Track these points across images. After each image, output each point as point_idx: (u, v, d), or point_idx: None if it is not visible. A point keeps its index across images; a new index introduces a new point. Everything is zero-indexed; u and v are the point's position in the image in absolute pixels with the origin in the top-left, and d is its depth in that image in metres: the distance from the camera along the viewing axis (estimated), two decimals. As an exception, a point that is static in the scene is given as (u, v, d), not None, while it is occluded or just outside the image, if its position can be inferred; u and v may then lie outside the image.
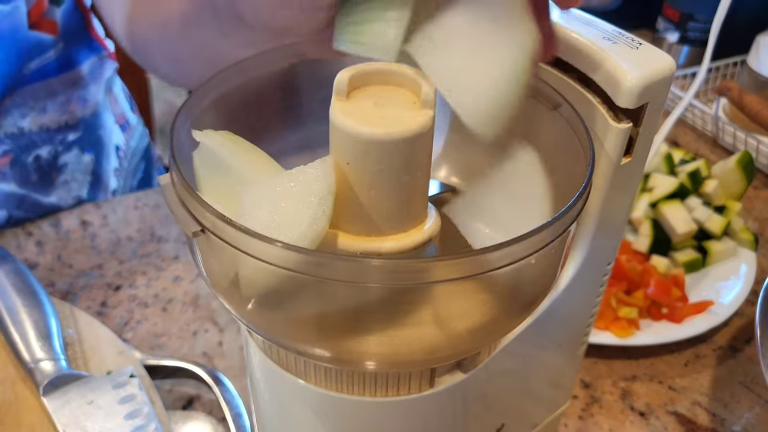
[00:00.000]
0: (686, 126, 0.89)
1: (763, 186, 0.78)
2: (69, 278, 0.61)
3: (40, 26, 0.64)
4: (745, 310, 0.59)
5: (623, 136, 0.29)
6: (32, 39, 0.63)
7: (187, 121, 0.28)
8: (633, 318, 0.56)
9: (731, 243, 0.63)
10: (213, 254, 0.26)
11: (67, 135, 0.70)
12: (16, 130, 0.66)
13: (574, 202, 0.25)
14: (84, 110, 0.72)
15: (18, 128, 0.66)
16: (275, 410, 0.35)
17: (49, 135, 0.69)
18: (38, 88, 0.67)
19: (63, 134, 0.70)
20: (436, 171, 0.36)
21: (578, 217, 0.26)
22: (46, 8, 0.64)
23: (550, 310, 0.34)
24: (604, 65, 0.28)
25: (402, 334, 0.25)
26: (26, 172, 0.68)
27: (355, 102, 0.26)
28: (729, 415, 0.52)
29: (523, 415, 0.40)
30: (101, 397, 0.46)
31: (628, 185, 0.33)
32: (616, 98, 0.28)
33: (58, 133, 0.69)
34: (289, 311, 0.26)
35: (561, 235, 0.25)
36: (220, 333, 0.56)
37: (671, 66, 0.28)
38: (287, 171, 0.26)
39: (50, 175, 0.70)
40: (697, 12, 0.98)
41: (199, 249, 0.26)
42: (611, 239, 0.35)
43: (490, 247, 0.22)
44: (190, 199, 0.25)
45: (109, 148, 0.76)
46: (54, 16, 0.65)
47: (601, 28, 0.30)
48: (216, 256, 0.26)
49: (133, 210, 0.70)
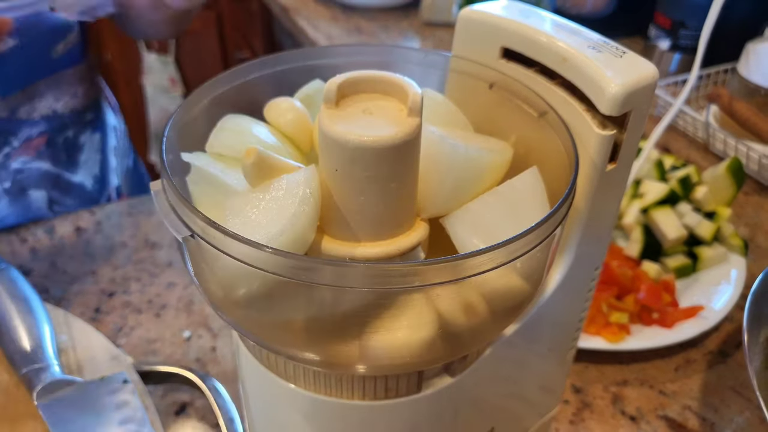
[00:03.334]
0: (677, 132, 0.90)
1: (754, 192, 0.79)
2: (63, 284, 0.61)
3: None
4: (735, 315, 0.60)
5: (608, 142, 0.30)
6: (54, 20, 0.66)
7: (175, 130, 0.29)
8: (624, 323, 0.56)
9: (721, 248, 0.64)
10: (203, 259, 0.26)
11: (87, 116, 0.75)
12: (50, 113, 0.70)
13: (557, 208, 0.25)
14: (96, 92, 0.77)
15: (52, 111, 0.70)
16: (265, 413, 0.35)
17: (77, 116, 0.73)
18: (70, 74, 0.71)
19: (85, 115, 0.75)
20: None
21: (562, 222, 0.26)
22: None
23: (538, 315, 0.34)
24: (589, 73, 0.29)
25: (388, 337, 0.25)
26: (58, 152, 0.72)
27: (344, 109, 0.27)
28: (719, 419, 0.52)
29: (514, 419, 0.40)
30: (95, 402, 0.46)
31: (614, 191, 0.33)
32: (601, 106, 0.29)
33: (83, 114, 0.74)
34: (277, 315, 0.26)
35: (545, 240, 0.25)
36: (213, 339, 0.56)
37: (654, 74, 0.29)
38: (274, 179, 0.26)
39: (75, 155, 0.74)
40: (688, 19, 0.99)
41: (189, 254, 0.27)
42: (598, 244, 0.35)
43: (474, 252, 0.23)
44: (180, 205, 0.25)
45: (109, 127, 0.80)
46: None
47: (586, 36, 0.31)
48: (206, 260, 0.26)
49: (127, 216, 0.70)
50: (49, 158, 0.71)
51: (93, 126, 0.77)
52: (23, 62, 0.65)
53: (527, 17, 0.32)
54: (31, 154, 0.70)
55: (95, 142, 0.77)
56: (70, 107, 0.72)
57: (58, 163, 0.73)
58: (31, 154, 0.70)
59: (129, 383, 0.47)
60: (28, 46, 0.64)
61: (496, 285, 0.26)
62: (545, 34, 0.31)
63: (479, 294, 0.26)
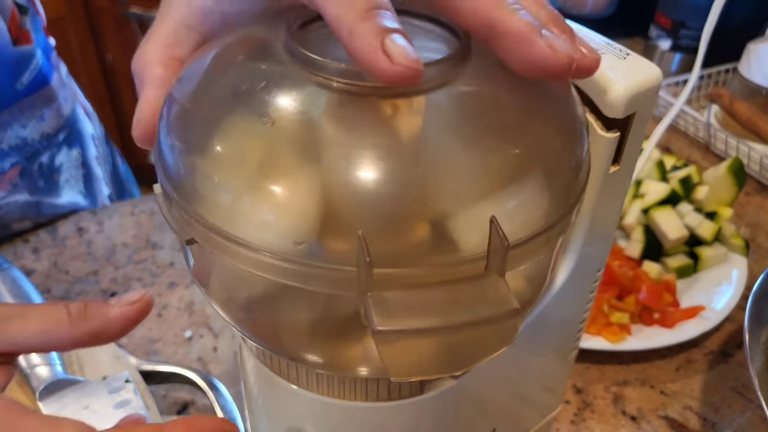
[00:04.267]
0: (679, 133, 0.90)
1: (755, 192, 0.79)
2: (65, 284, 0.61)
3: (20, 40, 0.64)
4: (736, 315, 0.60)
5: (611, 145, 0.30)
6: (17, 54, 0.63)
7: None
8: (625, 323, 0.56)
9: (722, 249, 0.64)
10: (206, 261, 0.26)
11: (59, 137, 0.71)
12: (19, 141, 0.66)
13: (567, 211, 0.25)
14: (67, 108, 0.72)
15: (21, 139, 0.66)
16: (268, 414, 0.35)
17: (49, 140, 0.69)
18: (35, 99, 0.67)
19: (57, 137, 0.71)
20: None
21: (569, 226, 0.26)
22: (19, 20, 0.64)
23: (541, 316, 0.34)
24: (592, 76, 0.29)
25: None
26: (34, 180, 0.68)
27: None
28: (720, 419, 0.52)
29: (515, 419, 0.41)
30: (97, 402, 0.46)
31: (617, 193, 0.33)
32: (604, 108, 0.29)
33: (55, 137, 0.70)
34: (280, 318, 0.26)
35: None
36: (215, 339, 0.57)
37: (658, 76, 0.29)
38: None
39: (53, 178, 0.71)
40: (689, 20, 0.99)
41: (192, 256, 0.27)
42: (601, 246, 0.35)
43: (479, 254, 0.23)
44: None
45: (87, 138, 0.77)
46: (26, 25, 0.65)
47: (589, 38, 0.31)
48: (208, 263, 0.26)
49: (129, 217, 0.70)
50: (25, 189, 0.68)
51: (68, 143, 0.73)
52: None
53: (530, 19, 0.32)
54: (6, 188, 0.66)
55: (74, 159, 0.74)
56: (39, 132, 0.68)
57: (36, 191, 0.69)
58: (6, 188, 0.66)
59: (131, 383, 0.48)
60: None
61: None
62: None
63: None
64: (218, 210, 0.23)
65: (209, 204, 0.23)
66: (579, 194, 0.26)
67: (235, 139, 0.24)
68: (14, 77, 0.64)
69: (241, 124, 0.24)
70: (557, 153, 0.25)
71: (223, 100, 0.24)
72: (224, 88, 0.25)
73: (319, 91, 0.23)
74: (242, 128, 0.24)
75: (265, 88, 0.24)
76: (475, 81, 0.25)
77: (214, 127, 0.24)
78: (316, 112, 0.23)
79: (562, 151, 0.25)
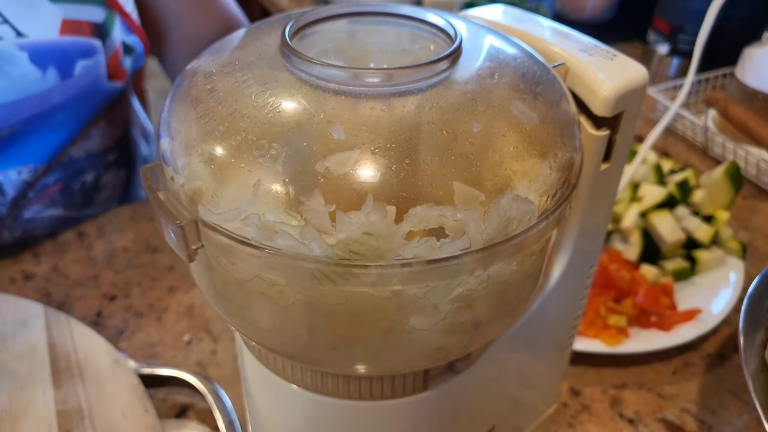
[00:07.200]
0: (676, 136, 0.90)
1: (752, 196, 0.79)
2: (65, 288, 0.62)
3: (116, 76, 0.65)
4: (733, 318, 0.60)
5: (602, 143, 0.30)
6: (109, 89, 0.65)
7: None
8: (622, 326, 0.56)
9: (719, 252, 0.64)
10: (207, 263, 0.26)
11: (108, 157, 0.72)
12: (66, 158, 0.66)
13: (557, 206, 0.25)
14: (118, 131, 0.73)
15: (68, 156, 0.67)
16: (269, 415, 0.36)
17: (95, 159, 0.70)
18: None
19: (105, 157, 0.71)
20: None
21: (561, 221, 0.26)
22: (120, 58, 0.65)
23: (538, 313, 0.34)
24: (582, 76, 0.29)
25: (393, 339, 0.25)
26: (72, 197, 0.69)
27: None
28: (717, 422, 0.52)
29: (512, 417, 0.41)
30: (95, 405, 0.46)
31: (608, 189, 0.33)
32: (594, 107, 0.29)
33: (102, 156, 0.71)
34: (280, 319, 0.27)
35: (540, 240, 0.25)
36: (214, 342, 0.57)
37: (644, 75, 0.30)
38: None
39: (92, 197, 0.72)
40: (687, 24, 1.00)
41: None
42: (593, 242, 0.36)
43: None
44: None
45: (138, 161, 0.78)
46: (125, 64, 0.66)
47: (578, 40, 0.31)
48: (210, 264, 0.26)
49: (129, 221, 0.70)
50: (61, 205, 0.68)
51: (117, 165, 0.74)
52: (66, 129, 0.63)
53: (521, 22, 0.33)
54: (44, 202, 0.67)
55: (120, 180, 0.75)
56: (84, 150, 0.68)
57: (71, 208, 0.70)
58: (44, 203, 0.67)
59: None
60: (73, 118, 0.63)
61: (496, 285, 0.26)
62: (539, 38, 0.31)
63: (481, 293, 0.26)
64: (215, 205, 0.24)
65: (208, 199, 0.24)
66: (572, 188, 0.26)
67: (235, 138, 0.24)
68: (100, 108, 0.65)
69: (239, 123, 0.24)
70: (551, 146, 0.25)
71: (224, 100, 0.25)
72: (224, 87, 0.25)
73: (314, 92, 0.24)
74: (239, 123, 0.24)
75: (264, 90, 0.24)
76: (466, 80, 0.25)
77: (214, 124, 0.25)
78: (311, 111, 0.24)
79: (555, 145, 0.25)
